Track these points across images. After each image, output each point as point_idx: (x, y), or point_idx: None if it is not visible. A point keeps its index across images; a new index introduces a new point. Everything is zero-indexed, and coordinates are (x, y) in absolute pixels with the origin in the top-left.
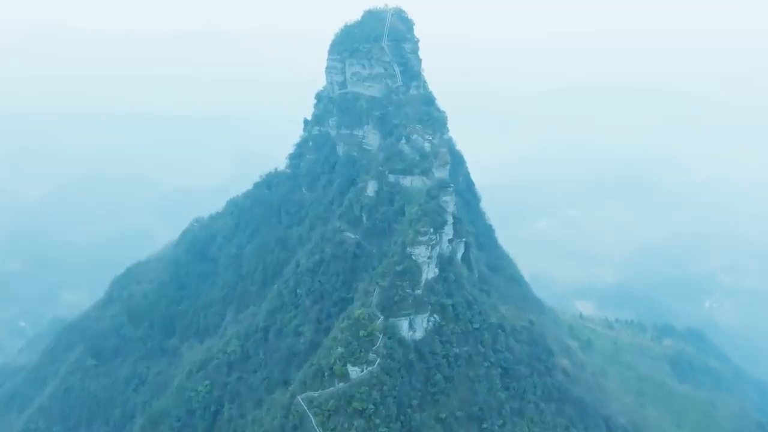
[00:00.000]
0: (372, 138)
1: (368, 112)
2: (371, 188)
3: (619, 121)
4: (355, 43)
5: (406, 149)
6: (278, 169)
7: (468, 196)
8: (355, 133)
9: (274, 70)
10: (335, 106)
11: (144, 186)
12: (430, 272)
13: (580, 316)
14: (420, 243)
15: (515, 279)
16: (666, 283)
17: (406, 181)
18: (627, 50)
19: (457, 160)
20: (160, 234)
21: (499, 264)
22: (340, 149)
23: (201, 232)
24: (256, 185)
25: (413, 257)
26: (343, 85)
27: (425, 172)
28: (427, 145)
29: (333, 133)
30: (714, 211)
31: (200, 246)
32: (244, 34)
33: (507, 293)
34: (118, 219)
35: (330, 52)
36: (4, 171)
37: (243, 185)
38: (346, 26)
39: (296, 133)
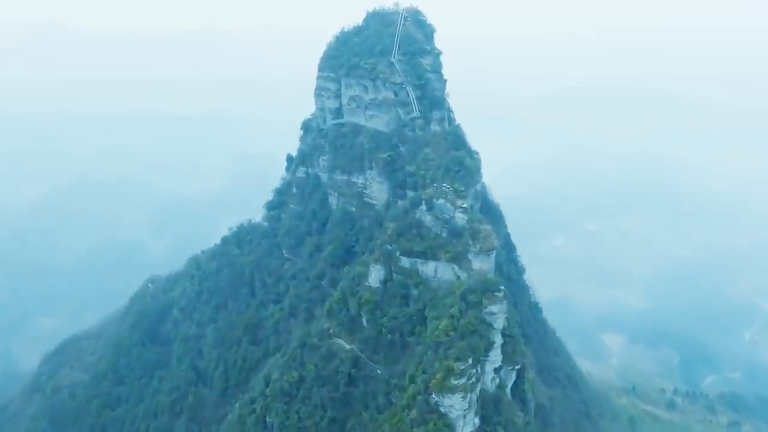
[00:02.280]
0: (377, 189)
1: (372, 153)
2: (375, 276)
3: (627, 123)
4: (355, 57)
5: (428, 219)
6: (252, 221)
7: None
8: (353, 179)
9: (274, 70)
10: (327, 142)
11: (139, 193)
12: (467, 426)
13: (633, 389)
14: (453, 390)
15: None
16: (698, 310)
17: (428, 268)
18: (628, 50)
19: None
20: (152, 249)
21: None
22: (333, 200)
23: (154, 301)
24: (225, 241)
25: (442, 409)
26: (338, 113)
27: (458, 259)
28: (459, 217)
29: (324, 177)
30: (742, 224)
31: (151, 321)
32: (244, 34)
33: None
34: (108, 231)
35: (321, 68)
36: None
37: (241, 192)
38: (342, 33)
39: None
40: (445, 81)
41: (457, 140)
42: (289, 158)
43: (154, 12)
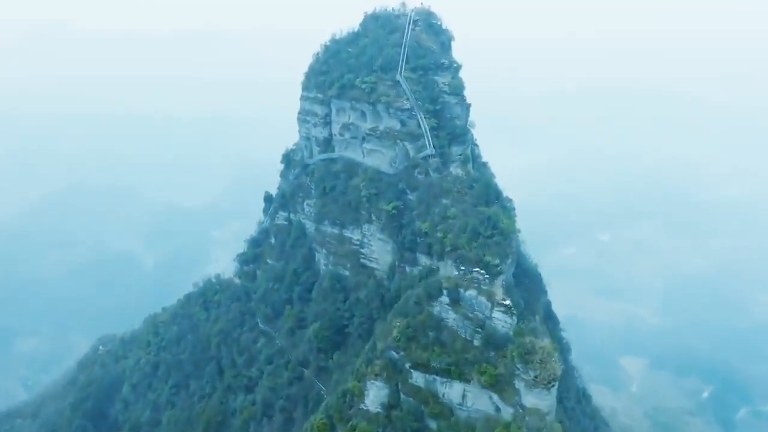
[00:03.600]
0: (378, 249)
1: (372, 201)
2: (375, 396)
3: (633, 124)
4: (349, 72)
5: (452, 318)
6: (222, 277)
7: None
8: (347, 234)
9: (274, 71)
10: (313, 182)
11: (133, 200)
12: None
13: None
14: None
15: None
16: (721, 329)
17: (453, 392)
18: (631, 51)
19: None
20: (143, 262)
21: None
22: (321, 259)
23: (103, 371)
24: (189, 299)
25: None
26: (327, 144)
27: (499, 384)
28: (501, 320)
29: (309, 227)
30: (759, 232)
31: (96, 400)
32: (245, 34)
33: None
34: (98, 242)
35: (305, 86)
36: None
37: (238, 198)
38: (332, 40)
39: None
40: (469, 106)
41: (487, 190)
42: (268, 198)
43: (154, 12)
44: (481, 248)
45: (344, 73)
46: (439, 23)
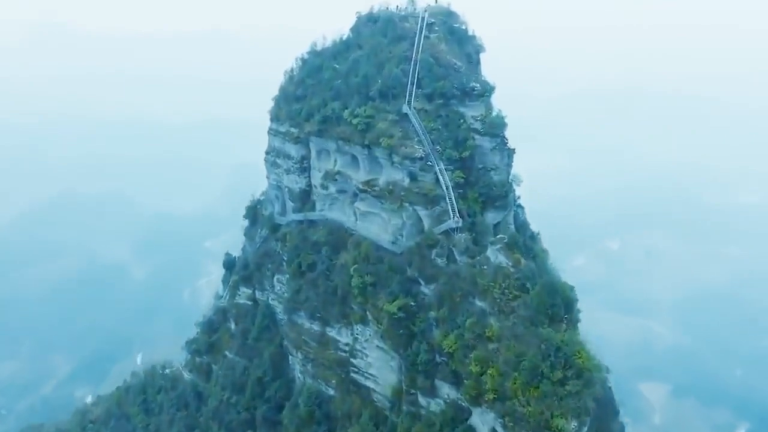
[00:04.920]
0: (377, 361)
1: (368, 294)
2: None
3: (641, 128)
4: (335, 99)
5: None
6: (167, 368)
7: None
8: (331, 334)
9: (273, 71)
10: (286, 251)
11: (124, 209)
12: None
13: None
14: None
15: None
16: (743, 350)
17: None
18: (635, 51)
19: None
20: (133, 274)
21: None
22: (297, 366)
23: None
24: (128, 391)
25: None
26: (304, 198)
27: None
28: None
29: (281, 314)
30: None
31: None
32: (244, 35)
33: None
34: (85, 254)
35: (274, 116)
36: None
37: (232, 206)
38: (312, 51)
39: None
40: (512, 152)
41: (551, 296)
42: (228, 263)
43: (155, 12)
44: (544, 401)
45: (328, 101)
46: (463, 27)
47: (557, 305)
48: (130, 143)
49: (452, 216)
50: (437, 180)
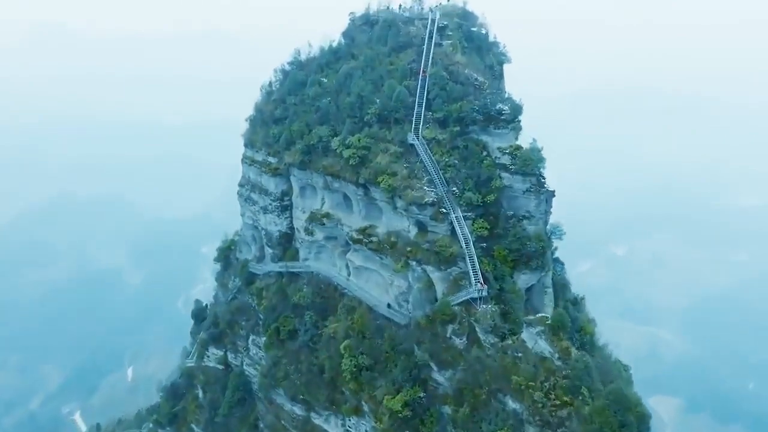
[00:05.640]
0: None
1: (363, 381)
2: None
3: (645, 128)
4: (322, 122)
5: None
6: None
7: None
8: (317, 422)
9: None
10: (263, 310)
11: (121, 212)
12: None
13: None
14: None
15: None
16: (750, 357)
17: None
18: (638, 51)
19: None
20: (129, 280)
21: None
22: None
23: None
24: None
25: None
26: (285, 243)
27: None
28: None
29: (256, 387)
30: None
31: None
32: (243, 35)
33: None
34: (81, 257)
35: (248, 141)
36: None
37: (230, 208)
38: (294, 62)
39: None
40: (551, 194)
41: (621, 409)
42: (197, 315)
43: (154, 13)
44: None
45: (313, 125)
46: (483, 31)
47: (628, 426)
48: (130, 143)
49: (473, 281)
50: (453, 232)
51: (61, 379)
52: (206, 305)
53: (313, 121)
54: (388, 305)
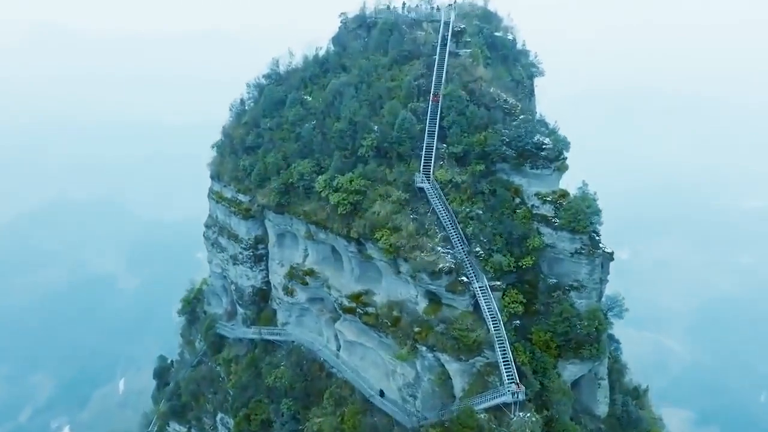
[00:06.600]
0: None
1: None
2: None
3: (642, 129)
4: (304, 155)
5: None
6: None
7: None
8: None
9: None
10: (233, 385)
11: (116, 216)
12: None
13: None
14: None
15: None
16: (760, 366)
17: None
18: (639, 51)
19: None
20: (125, 286)
21: None
22: None
23: None
24: None
25: None
26: (260, 300)
27: None
28: None
29: None
30: None
31: None
32: (243, 35)
33: None
34: (76, 262)
35: (215, 173)
36: None
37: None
38: (271, 74)
39: None
40: (609, 257)
41: None
42: (159, 374)
43: (154, 12)
44: None
45: (291, 157)
46: (510, 37)
47: None
48: (130, 143)
49: (505, 378)
50: (477, 306)
51: (51, 391)
52: (171, 362)
53: (292, 151)
54: (381, 393)
